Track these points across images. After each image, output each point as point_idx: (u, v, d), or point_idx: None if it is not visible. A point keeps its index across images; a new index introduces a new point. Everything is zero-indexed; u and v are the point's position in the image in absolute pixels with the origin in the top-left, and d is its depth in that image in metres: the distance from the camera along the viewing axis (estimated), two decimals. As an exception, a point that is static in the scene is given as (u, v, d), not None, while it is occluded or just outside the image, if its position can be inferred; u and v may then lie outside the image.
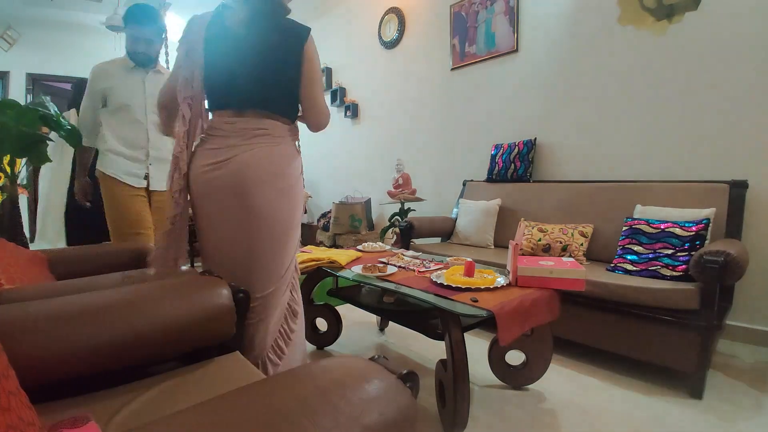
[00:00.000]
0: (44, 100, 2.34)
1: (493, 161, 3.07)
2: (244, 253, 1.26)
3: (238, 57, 1.26)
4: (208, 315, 0.98)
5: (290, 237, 1.33)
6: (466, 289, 1.38)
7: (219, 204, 1.25)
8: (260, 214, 1.24)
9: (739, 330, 2.07)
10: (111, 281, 1.17)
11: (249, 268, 1.26)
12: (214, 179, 1.24)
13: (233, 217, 1.25)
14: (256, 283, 1.26)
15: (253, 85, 1.27)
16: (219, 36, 1.27)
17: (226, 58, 1.27)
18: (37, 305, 0.83)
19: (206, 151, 1.27)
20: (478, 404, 1.53)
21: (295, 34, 1.31)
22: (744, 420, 1.41)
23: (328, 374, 0.57)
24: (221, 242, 1.28)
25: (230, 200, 1.24)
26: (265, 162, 1.25)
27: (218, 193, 1.25)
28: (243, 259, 1.26)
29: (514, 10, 3.01)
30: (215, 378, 0.91)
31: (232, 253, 1.27)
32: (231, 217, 1.25)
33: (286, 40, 1.30)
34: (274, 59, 1.28)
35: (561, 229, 2.30)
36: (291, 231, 1.33)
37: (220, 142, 1.25)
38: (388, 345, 2.12)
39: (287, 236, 1.32)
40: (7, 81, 5.10)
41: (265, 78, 1.27)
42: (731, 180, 1.98)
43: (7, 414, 0.44)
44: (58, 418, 0.58)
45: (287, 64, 1.30)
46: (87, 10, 4.94)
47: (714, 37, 2.14)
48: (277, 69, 1.29)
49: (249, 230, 1.25)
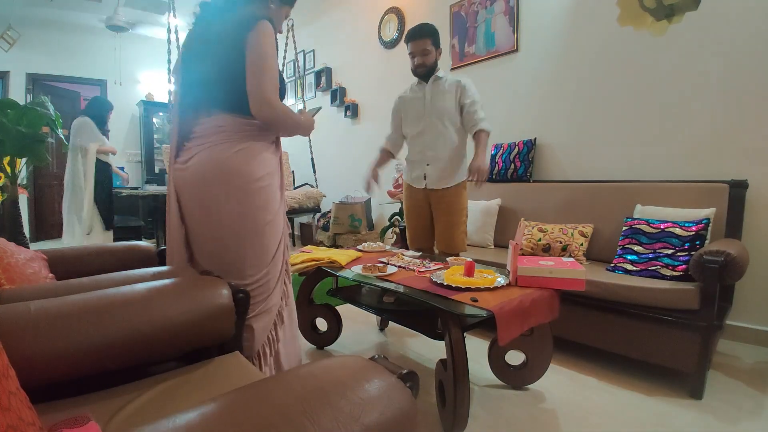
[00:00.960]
0: (44, 100, 2.34)
1: (493, 161, 3.07)
2: (209, 251, 1.31)
3: (187, 62, 1.33)
4: (208, 315, 0.98)
5: (252, 239, 1.28)
6: (466, 289, 1.38)
7: (186, 202, 1.32)
8: (209, 213, 1.26)
9: (740, 330, 2.07)
10: (111, 281, 1.17)
11: (218, 267, 1.28)
12: (179, 178, 1.32)
13: (195, 215, 1.30)
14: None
15: (198, 87, 1.30)
16: (184, 43, 1.37)
17: (184, 65, 1.34)
18: (37, 305, 0.83)
19: (182, 152, 1.33)
20: (478, 404, 1.53)
21: (238, 24, 1.24)
22: (744, 420, 1.41)
23: (328, 374, 0.57)
24: (194, 239, 1.33)
25: (191, 200, 1.30)
26: (216, 161, 1.24)
27: (184, 191, 1.31)
28: (210, 257, 1.30)
29: (514, 10, 3.01)
30: (215, 378, 0.91)
31: (202, 250, 1.33)
32: (194, 216, 1.31)
33: (228, 33, 1.25)
34: (216, 56, 1.26)
35: (561, 229, 2.30)
36: (251, 233, 1.27)
37: (189, 144, 1.31)
38: (388, 345, 2.12)
39: (245, 238, 1.27)
40: (7, 81, 5.10)
41: (208, 77, 1.27)
42: (731, 180, 1.98)
43: (7, 414, 0.44)
44: (58, 418, 0.58)
45: (229, 58, 1.24)
46: (87, 10, 4.94)
47: (714, 37, 2.14)
48: (219, 66, 1.26)
49: (208, 229, 1.28)
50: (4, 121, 2.04)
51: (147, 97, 5.87)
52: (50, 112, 2.30)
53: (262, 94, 1.21)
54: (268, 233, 1.31)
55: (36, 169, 5.18)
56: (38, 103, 2.32)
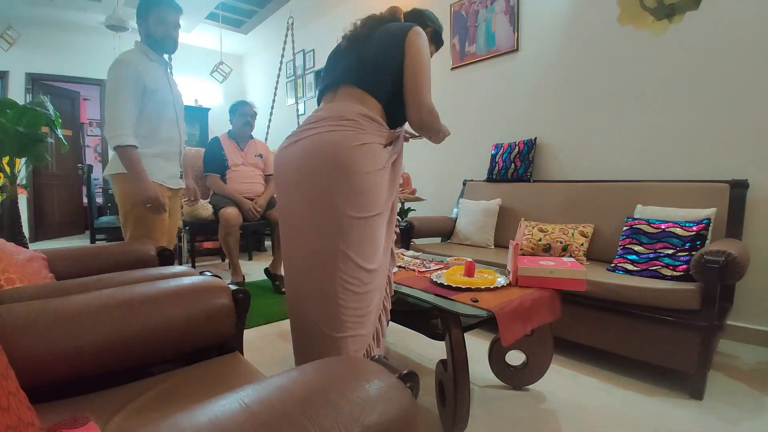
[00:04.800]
0: (43, 100, 2.34)
1: (493, 161, 3.07)
2: (305, 249, 1.17)
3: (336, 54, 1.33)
4: (208, 315, 0.98)
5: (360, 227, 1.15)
6: (467, 289, 1.38)
7: (285, 188, 1.21)
8: (312, 204, 1.15)
9: (740, 330, 2.06)
10: (111, 281, 1.16)
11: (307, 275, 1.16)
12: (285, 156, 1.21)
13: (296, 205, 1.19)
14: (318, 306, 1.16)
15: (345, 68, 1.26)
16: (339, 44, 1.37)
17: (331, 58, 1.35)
18: (37, 305, 0.83)
19: None
20: (478, 404, 1.53)
21: (400, 27, 1.25)
22: (745, 421, 1.41)
23: (328, 374, 0.57)
24: (289, 233, 1.22)
25: (292, 186, 1.19)
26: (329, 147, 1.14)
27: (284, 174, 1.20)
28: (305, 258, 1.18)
29: (514, 10, 3.01)
30: (215, 378, 0.90)
31: (297, 247, 1.19)
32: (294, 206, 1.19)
33: (391, 30, 1.25)
34: (374, 43, 1.25)
35: (561, 229, 2.29)
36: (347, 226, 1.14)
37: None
38: (388, 345, 2.12)
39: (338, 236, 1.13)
40: (7, 81, 5.09)
41: (360, 59, 1.24)
42: (732, 180, 1.98)
43: (6, 414, 0.44)
44: (58, 418, 0.58)
45: (388, 45, 1.23)
46: (87, 10, 4.94)
47: (714, 37, 2.14)
48: (377, 50, 1.24)
49: (308, 221, 1.16)
50: (4, 121, 2.04)
51: (147, 97, 5.87)
52: (50, 112, 2.30)
53: (423, 98, 1.18)
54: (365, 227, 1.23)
55: (35, 169, 5.18)
56: (38, 102, 2.32)
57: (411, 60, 1.18)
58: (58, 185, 5.83)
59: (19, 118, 2.12)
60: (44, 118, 2.19)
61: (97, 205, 4.78)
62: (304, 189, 1.16)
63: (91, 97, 7.10)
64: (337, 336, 1.15)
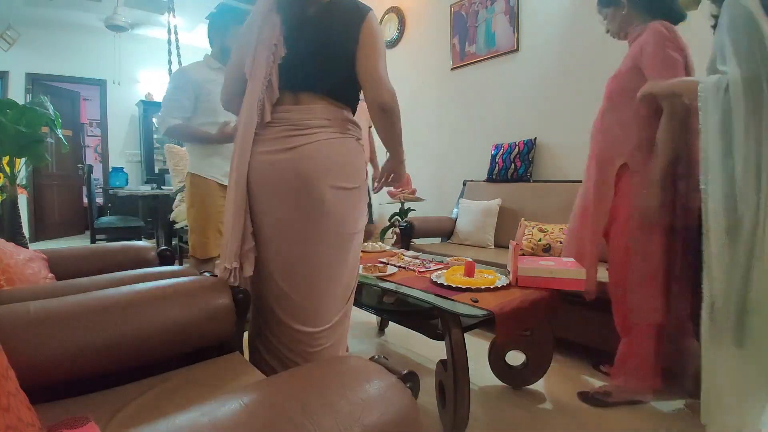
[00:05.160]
0: (43, 100, 2.34)
1: (493, 161, 3.07)
2: (303, 261, 1.09)
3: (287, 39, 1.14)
4: (208, 315, 0.98)
5: (353, 245, 1.17)
6: (467, 289, 1.38)
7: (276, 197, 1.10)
8: (327, 212, 1.08)
9: (740, 330, 2.06)
10: (111, 281, 1.17)
11: (309, 283, 1.10)
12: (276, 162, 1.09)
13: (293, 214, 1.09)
14: (319, 307, 1.12)
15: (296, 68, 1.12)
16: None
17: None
18: (37, 305, 0.83)
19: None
20: (478, 404, 1.53)
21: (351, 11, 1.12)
22: (744, 420, 1.41)
23: (328, 374, 0.57)
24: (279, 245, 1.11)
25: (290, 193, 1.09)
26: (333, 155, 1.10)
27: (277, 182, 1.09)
28: (302, 270, 1.10)
29: (515, 10, 3.01)
30: (215, 378, 0.91)
31: (290, 260, 1.10)
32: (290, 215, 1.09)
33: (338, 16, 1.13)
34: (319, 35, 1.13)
35: (561, 229, 2.29)
36: (355, 236, 1.17)
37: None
38: (388, 345, 2.12)
39: (351, 243, 1.15)
40: (7, 81, 5.09)
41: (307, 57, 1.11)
42: (731, 180, 1.97)
43: (6, 415, 0.44)
44: (58, 418, 0.58)
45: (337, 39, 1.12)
46: (87, 10, 4.93)
47: (714, 36, 2.13)
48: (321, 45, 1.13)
49: (313, 231, 1.09)
50: (4, 121, 2.04)
51: (146, 97, 5.86)
52: (50, 112, 2.30)
53: (381, 77, 1.07)
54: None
55: (35, 169, 5.17)
56: (37, 102, 2.32)
57: (368, 49, 1.09)
58: (58, 185, 5.83)
59: (19, 118, 2.12)
60: (44, 118, 2.19)
61: (97, 205, 4.77)
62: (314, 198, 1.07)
63: (91, 97, 7.09)
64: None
